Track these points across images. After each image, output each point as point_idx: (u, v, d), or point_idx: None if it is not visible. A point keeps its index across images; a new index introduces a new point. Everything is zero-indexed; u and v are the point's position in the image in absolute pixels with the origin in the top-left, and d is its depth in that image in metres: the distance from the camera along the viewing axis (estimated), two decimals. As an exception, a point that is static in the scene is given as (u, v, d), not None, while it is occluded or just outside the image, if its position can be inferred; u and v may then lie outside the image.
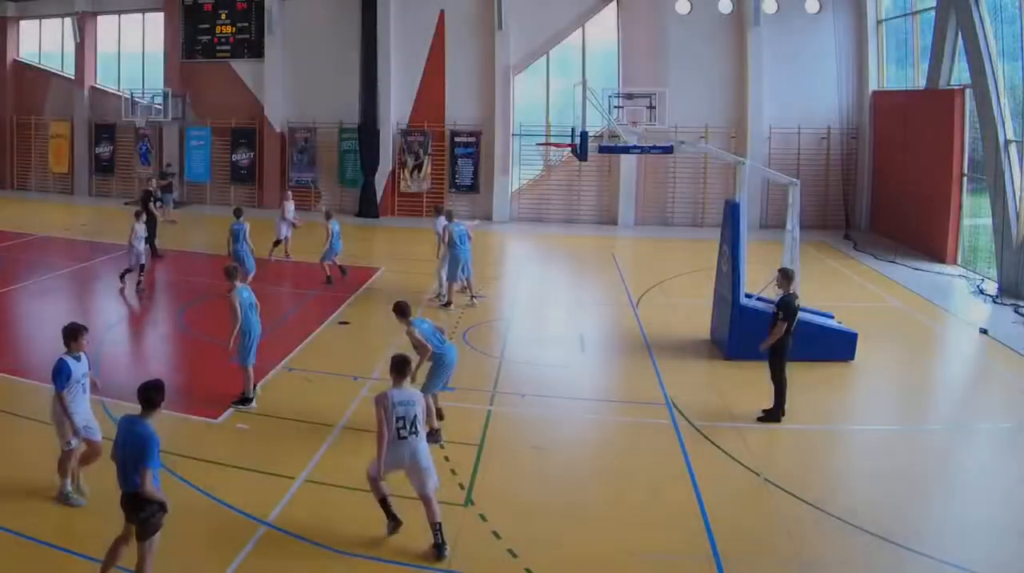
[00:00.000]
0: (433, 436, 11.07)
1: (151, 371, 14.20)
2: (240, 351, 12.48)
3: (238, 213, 20.14)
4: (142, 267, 20.15)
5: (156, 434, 7.44)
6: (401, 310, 11.75)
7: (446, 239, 18.96)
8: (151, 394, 7.59)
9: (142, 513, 7.33)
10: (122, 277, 20.22)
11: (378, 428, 8.61)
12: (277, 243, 23.87)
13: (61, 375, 9.21)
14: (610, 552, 8.94)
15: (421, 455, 8.67)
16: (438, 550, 8.52)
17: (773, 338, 12.42)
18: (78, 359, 9.37)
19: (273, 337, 16.05)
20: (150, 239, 22.36)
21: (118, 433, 7.55)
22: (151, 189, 25.85)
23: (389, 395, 8.66)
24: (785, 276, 13.08)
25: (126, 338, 17.68)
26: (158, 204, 25.21)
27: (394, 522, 8.91)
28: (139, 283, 20.17)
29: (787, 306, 12.48)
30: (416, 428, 8.67)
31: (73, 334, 9.36)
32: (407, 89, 32.56)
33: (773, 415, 12.58)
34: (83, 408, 9.48)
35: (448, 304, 18.69)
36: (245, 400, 12.73)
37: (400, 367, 8.90)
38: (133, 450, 7.35)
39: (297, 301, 20.58)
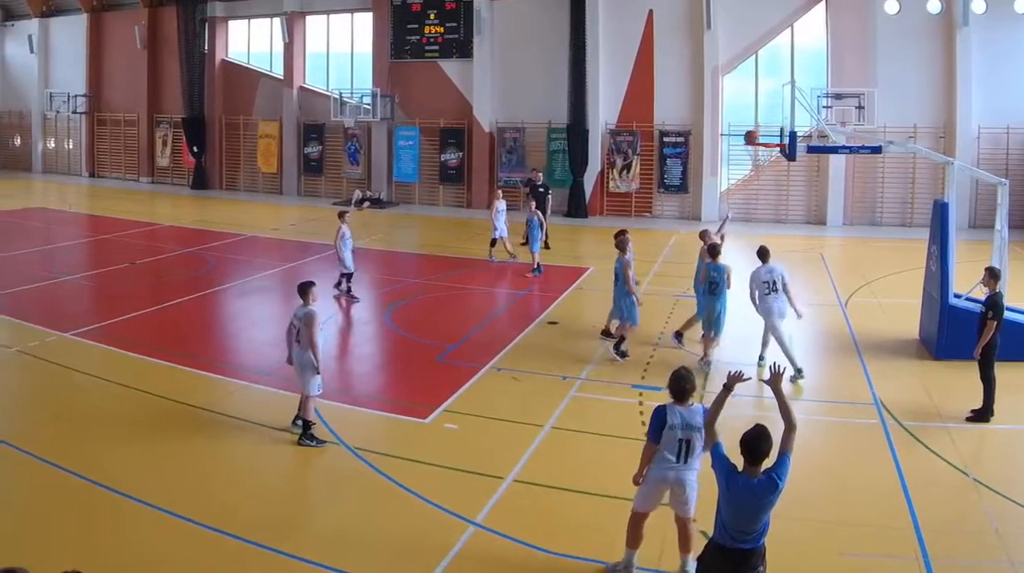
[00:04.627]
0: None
1: (360, 371, 18.27)
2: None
3: (714, 252, 18.15)
4: (343, 274, 23.61)
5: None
6: (712, 251, 17.76)
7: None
8: (765, 446, 8.14)
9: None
10: (338, 285, 23.71)
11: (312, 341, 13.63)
12: (493, 243, 29.06)
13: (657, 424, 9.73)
14: (819, 551, 10.50)
15: (301, 363, 13.63)
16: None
17: (985, 339, 14.41)
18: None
19: (482, 337, 20.14)
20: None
21: (747, 487, 8.04)
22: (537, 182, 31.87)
23: (294, 312, 13.92)
24: (992, 275, 15.12)
25: (333, 337, 20.58)
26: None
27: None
28: (339, 284, 23.65)
29: (995, 305, 14.50)
30: (298, 338, 13.58)
31: (683, 390, 9.76)
32: (616, 89, 40.65)
33: (982, 415, 14.48)
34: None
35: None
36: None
37: (301, 291, 13.90)
38: (771, 502, 8.09)
39: (507, 301, 24.43)
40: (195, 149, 49.58)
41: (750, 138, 27.70)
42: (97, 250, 32.65)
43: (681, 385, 9.74)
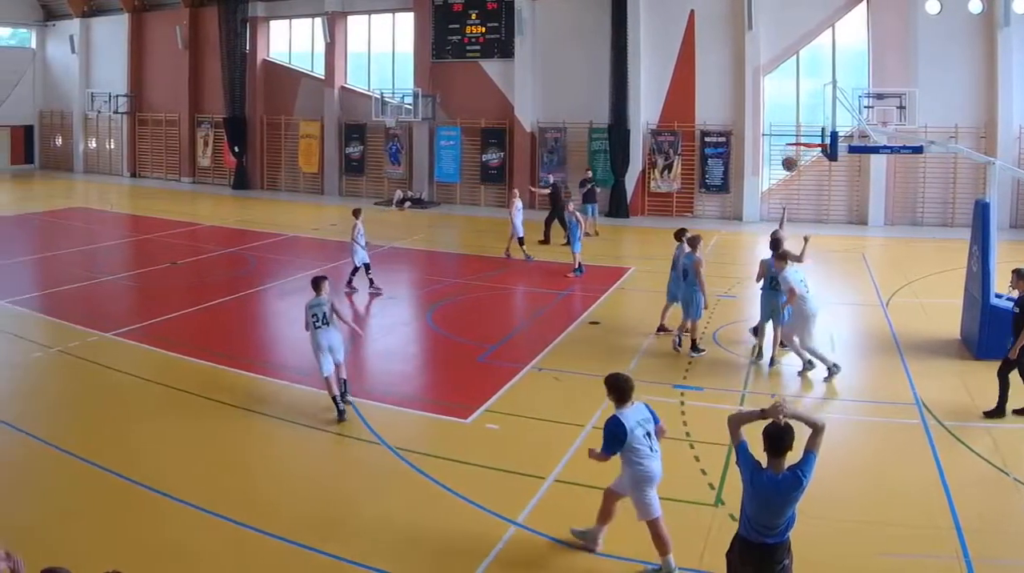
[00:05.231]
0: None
1: (402, 371, 18.49)
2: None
3: (776, 247, 18.33)
4: (367, 267, 24.34)
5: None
6: (775, 246, 18.13)
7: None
8: (787, 440, 8.19)
9: (778, 567, 8.28)
10: (371, 283, 24.46)
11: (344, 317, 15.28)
12: (522, 242, 30.13)
13: (615, 437, 10.15)
14: (859, 551, 10.64)
15: (336, 341, 15.02)
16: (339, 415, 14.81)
17: (1022, 340, 14.73)
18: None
19: (523, 337, 20.75)
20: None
21: (771, 483, 8.12)
22: None
23: (309, 301, 15.26)
24: (1020, 276, 15.53)
25: (375, 337, 21.05)
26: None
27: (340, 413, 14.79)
28: (372, 282, 24.42)
29: None
30: (326, 321, 14.89)
31: (624, 392, 10.39)
32: (657, 89, 41.19)
33: (1022, 412, 14.97)
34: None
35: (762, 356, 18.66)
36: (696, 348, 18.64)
37: (315, 284, 15.30)
38: (795, 498, 8.18)
39: (548, 301, 24.52)
40: (236, 149, 50.61)
41: (788, 164, 28.07)
42: (138, 250, 33.28)
43: (622, 386, 10.26)
